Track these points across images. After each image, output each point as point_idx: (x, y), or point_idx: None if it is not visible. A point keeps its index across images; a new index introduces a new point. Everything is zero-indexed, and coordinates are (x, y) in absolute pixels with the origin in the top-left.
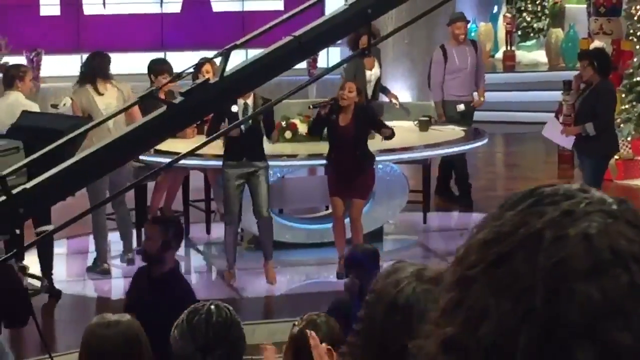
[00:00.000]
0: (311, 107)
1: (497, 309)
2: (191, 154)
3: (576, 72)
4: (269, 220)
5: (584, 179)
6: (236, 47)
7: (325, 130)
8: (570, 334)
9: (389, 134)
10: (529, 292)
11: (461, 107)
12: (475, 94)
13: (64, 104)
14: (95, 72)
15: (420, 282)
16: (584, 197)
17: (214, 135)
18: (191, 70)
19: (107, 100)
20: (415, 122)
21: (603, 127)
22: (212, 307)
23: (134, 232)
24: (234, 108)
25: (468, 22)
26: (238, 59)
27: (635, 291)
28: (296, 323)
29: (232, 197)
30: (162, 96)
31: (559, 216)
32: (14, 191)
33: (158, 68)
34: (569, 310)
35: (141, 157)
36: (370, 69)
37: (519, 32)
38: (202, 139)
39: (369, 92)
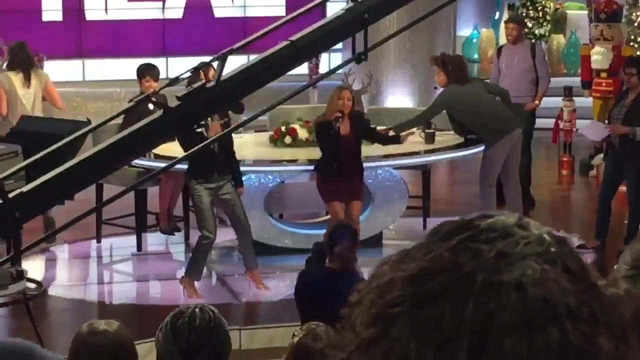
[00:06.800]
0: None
1: (417, 355)
2: (187, 158)
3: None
4: (249, 229)
5: (629, 188)
6: (233, 51)
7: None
8: None
9: (402, 140)
10: (453, 343)
11: None
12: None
13: None
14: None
15: None
16: (521, 237)
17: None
18: (188, 74)
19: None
20: (421, 133)
21: None
22: (197, 310)
23: (134, 236)
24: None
25: (520, 23)
26: (240, 64)
27: (565, 351)
28: (295, 333)
29: (209, 213)
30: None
31: (493, 258)
32: (10, 195)
33: (138, 72)
34: None
35: (139, 162)
36: None
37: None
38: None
39: None
